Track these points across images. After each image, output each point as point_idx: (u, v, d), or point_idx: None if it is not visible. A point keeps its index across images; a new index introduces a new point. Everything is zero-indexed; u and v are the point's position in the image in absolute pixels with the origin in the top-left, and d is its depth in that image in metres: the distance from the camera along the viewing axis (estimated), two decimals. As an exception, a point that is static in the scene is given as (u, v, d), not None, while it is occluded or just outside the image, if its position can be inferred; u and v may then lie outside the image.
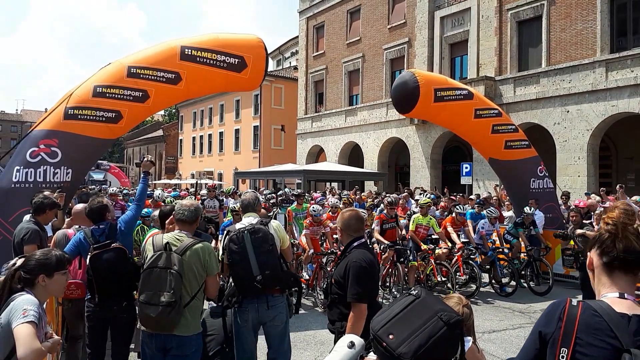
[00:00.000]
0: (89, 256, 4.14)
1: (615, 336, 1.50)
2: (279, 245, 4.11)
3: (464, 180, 18.44)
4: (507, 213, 12.57)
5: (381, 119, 25.68)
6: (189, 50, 7.96)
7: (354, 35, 27.92)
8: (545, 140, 18.17)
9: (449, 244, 9.66)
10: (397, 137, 24.93)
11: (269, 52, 8.95)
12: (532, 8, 19.11)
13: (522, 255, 10.52)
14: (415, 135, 23.77)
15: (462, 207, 10.45)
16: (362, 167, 25.91)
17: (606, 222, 1.68)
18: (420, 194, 15.87)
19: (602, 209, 10.49)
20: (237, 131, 41.61)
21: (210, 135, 45.98)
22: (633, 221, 1.65)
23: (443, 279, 9.40)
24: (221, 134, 43.97)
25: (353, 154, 28.50)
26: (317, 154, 31.45)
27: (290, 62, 47.05)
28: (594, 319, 1.57)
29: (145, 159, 5.02)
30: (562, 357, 1.58)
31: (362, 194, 17.28)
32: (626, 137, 18.81)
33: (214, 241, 5.96)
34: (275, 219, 9.70)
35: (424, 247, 9.22)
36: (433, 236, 10.30)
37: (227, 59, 7.99)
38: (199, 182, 18.53)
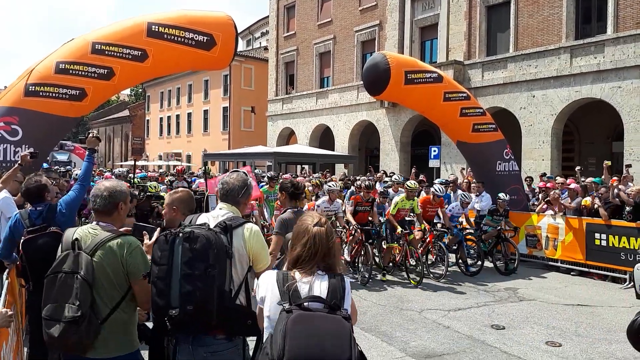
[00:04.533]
0: (21, 241, 3.78)
1: None
2: (244, 266, 2.74)
3: (432, 163, 18.72)
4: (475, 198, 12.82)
5: (352, 101, 25.69)
6: (156, 27, 7.76)
7: (325, 17, 27.70)
8: (512, 124, 18.54)
9: (423, 226, 9.61)
10: (368, 120, 25.02)
11: (238, 31, 8.81)
12: (501, -7, 19.32)
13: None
14: (386, 118, 23.90)
15: (440, 189, 10.16)
16: (333, 150, 25.96)
17: None
18: (390, 175, 16.01)
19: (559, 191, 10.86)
20: (205, 112, 40.98)
21: (178, 116, 45.16)
22: None
23: (414, 262, 9.49)
24: (189, 114, 43.23)
25: (324, 136, 28.49)
26: (287, 136, 31.30)
27: (260, 43, 46.41)
28: None
29: (90, 134, 4.51)
30: None
31: (333, 176, 17.33)
32: (588, 123, 19.36)
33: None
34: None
35: (398, 230, 9.14)
36: (407, 218, 10.28)
37: (196, 37, 7.83)
38: (167, 164, 18.25)
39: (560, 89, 17.42)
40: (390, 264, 9.86)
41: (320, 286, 2.17)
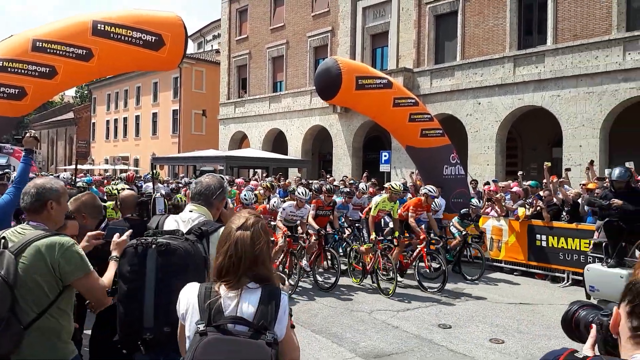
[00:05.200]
0: None
1: None
2: None
3: (383, 168, 19.04)
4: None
5: (305, 106, 25.79)
6: (102, 26, 7.53)
7: (278, 21, 27.71)
8: (459, 130, 19.14)
9: (397, 233, 8.88)
10: (321, 125, 25.18)
11: (189, 34, 8.68)
12: (448, 3, 19.93)
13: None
14: (338, 123, 24.13)
15: (433, 190, 9.40)
16: (286, 154, 25.93)
17: None
18: (342, 180, 16.17)
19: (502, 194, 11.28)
20: (155, 115, 40.01)
21: (125, 119, 43.86)
22: None
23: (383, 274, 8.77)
24: (137, 117, 42.08)
25: (277, 140, 28.42)
26: (240, 140, 31.02)
27: (212, 46, 45.85)
28: None
29: (28, 134, 4.31)
30: None
31: (287, 180, 17.34)
32: (530, 129, 20.24)
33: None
34: None
35: (372, 236, 8.54)
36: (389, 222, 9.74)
37: (144, 37, 7.65)
38: (115, 167, 17.65)
39: (504, 97, 18.14)
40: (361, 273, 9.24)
41: (249, 302, 1.84)
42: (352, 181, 15.17)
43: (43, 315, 2.48)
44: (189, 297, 1.92)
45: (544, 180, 11.62)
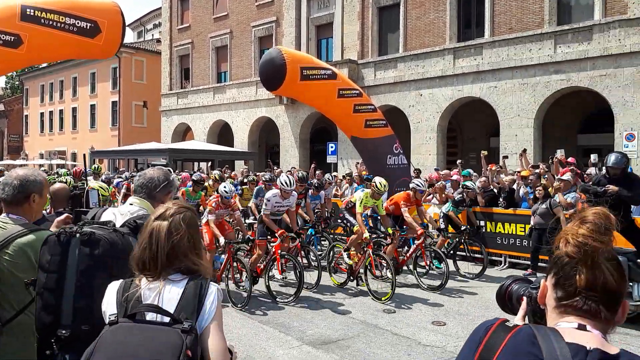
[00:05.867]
0: None
1: None
2: None
3: (330, 159, 19.20)
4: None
5: (251, 97, 25.51)
6: (32, 11, 7.13)
7: (221, 10, 27.19)
8: (402, 121, 19.55)
9: (391, 230, 8.16)
10: (267, 117, 25.00)
11: (128, 22, 8.37)
12: (391, -4, 20.26)
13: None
14: (285, 115, 24.05)
15: (422, 184, 8.86)
16: (232, 146, 25.61)
17: (567, 240, 1.21)
18: (289, 171, 16.15)
19: (442, 182, 11.64)
20: (92, 107, 38.37)
21: (61, 111, 41.81)
22: (608, 240, 1.19)
23: (381, 273, 8.14)
24: (74, 109, 40.22)
25: (222, 132, 27.99)
26: (183, 132, 30.32)
27: (152, 35, 44.41)
28: (527, 348, 1.13)
29: None
30: None
31: (233, 172, 17.16)
32: (470, 120, 20.97)
33: None
34: None
35: (365, 235, 7.68)
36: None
37: (78, 23, 7.31)
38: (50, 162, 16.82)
39: (445, 88, 18.68)
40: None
41: (170, 294, 1.75)
42: (300, 173, 15.15)
43: (22, 312, 2.41)
44: (109, 293, 1.84)
45: (482, 168, 12.09)
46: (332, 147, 19.25)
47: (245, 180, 12.85)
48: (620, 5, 14.95)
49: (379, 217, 9.14)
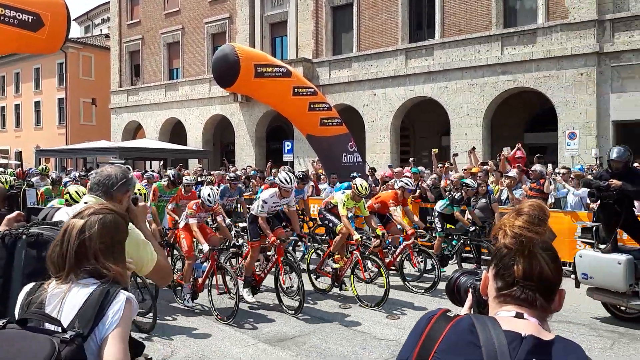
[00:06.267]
0: None
1: (481, 357, 1.14)
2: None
3: (286, 158, 19.19)
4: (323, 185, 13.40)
5: (204, 95, 25.12)
6: (-32, 1, 6.76)
7: (173, 6, 26.63)
8: (357, 120, 19.77)
9: (379, 231, 7.88)
10: (222, 115, 24.70)
11: (74, 16, 8.06)
12: (345, -5, 20.44)
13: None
14: (240, 112, 23.83)
15: (411, 183, 8.50)
16: (186, 145, 25.15)
17: (505, 232, 1.25)
18: (244, 169, 16.03)
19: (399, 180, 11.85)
20: (37, 104, 36.72)
21: (3, 108, 39.80)
22: (543, 231, 1.23)
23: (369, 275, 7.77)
24: (17, 106, 38.37)
25: (175, 130, 27.43)
26: (134, 130, 29.52)
27: (101, 30, 42.93)
28: (466, 337, 1.18)
29: None
30: None
31: (186, 171, 16.82)
32: (422, 119, 21.44)
33: None
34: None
35: (356, 237, 7.24)
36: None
37: (19, 15, 6.99)
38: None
39: (398, 88, 19.02)
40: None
41: (75, 298, 1.62)
42: (253, 171, 15.08)
43: None
44: (20, 296, 1.72)
45: (433, 166, 12.41)
46: (288, 145, 19.25)
47: (200, 179, 12.65)
48: (562, 10, 15.67)
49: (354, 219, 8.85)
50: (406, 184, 8.43)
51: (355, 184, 7.65)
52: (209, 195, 6.98)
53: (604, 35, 14.99)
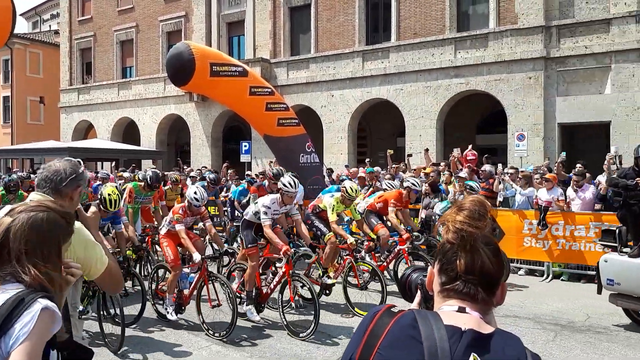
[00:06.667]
0: None
1: (418, 354, 1.15)
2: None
3: (244, 158, 19.05)
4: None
5: (159, 94, 24.59)
6: None
7: (126, 3, 25.94)
8: (315, 120, 19.83)
9: (375, 235, 7.58)
10: (177, 114, 24.24)
11: (21, 11, 7.72)
12: (302, -4, 20.48)
13: None
14: (195, 112, 23.46)
15: (417, 184, 8.09)
16: (139, 145, 24.53)
17: (448, 227, 1.28)
18: (199, 170, 15.79)
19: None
20: (-20, 102, 35.00)
21: (-58, 106, 37.69)
22: (483, 225, 1.25)
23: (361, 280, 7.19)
24: (-42, 104, 36.43)
25: (128, 130, 26.71)
26: (85, 130, 28.56)
27: (50, 26, 41.31)
28: (408, 333, 1.19)
29: None
30: None
31: (118, 171, 16.51)
32: (378, 120, 21.73)
33: None
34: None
35: (351, 241, 6.80)
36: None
37: (-43, 7, 6.63)
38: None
39: (355, 90, 19.21)
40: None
41: None
42: (209, 172, 14.86)
43: None
44: None
45: (388, 166, 12.60)
46: (245, 145, 19.11)
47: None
48: (512, 16, 16.24)
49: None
50: (413, 184, 7.95)
51: (345, 187, 7.16)
52: (195, 194, 6.27)
53: (550, 40, 15.64)
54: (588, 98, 15.01)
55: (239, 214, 9.39)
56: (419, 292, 1.50)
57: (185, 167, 18.08)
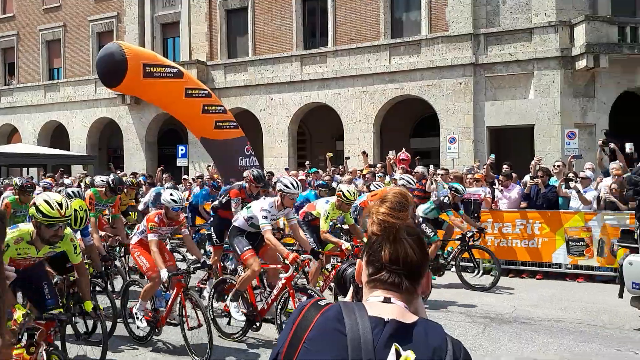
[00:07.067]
0: None
1: (341, 347, 1.16)
2: None
3: (180, 162, 18.59)
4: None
5: (89, 96, 23.56)
6: None
7: (52, 1, 24.70)
8: (254, 124, 19.72)
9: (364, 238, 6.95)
10: (109, 118, 23.32)
11: None
12: (239, -1, 20.34)
13: None
14: (129, 115, 22.67)
15: (412, 181, 7.88)
16: (69, 150, 23.39)
17: (373, 220, 1.30)
18: (131, 174, 15.27)
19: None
20: None
21: None
22: (405, 216, 1.28)
23: None
24: None
25: (56, 134, 25.40)
26: (8, 134, 26.87)
27: (-33, 23, 38.60)
28: (333, 325, 1.20)
29: None
30: None
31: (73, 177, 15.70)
32: (318, 124, 21.91)
33: None
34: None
35: (346, 245, 6.32)
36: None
37: None
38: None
39: (294, 94, 19.29)
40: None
41: None
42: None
43: None
44: None
45: (327, 169, 12.75)
46: (182, 149, 18.66)
47: (81, 185, 11.80)
48: (443, 23, 16.92)
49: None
50: (408, 181, 7.69)
51: (341, 191, 6.66)
52: (172, 195, 5.62)
53: (479, 48, 16.42)
54: (514, 103, 15.89)
55: (206, 219, 8.99)
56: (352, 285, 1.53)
57: (118, 172, 17.40)
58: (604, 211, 8.26)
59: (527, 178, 9.74)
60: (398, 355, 1.10)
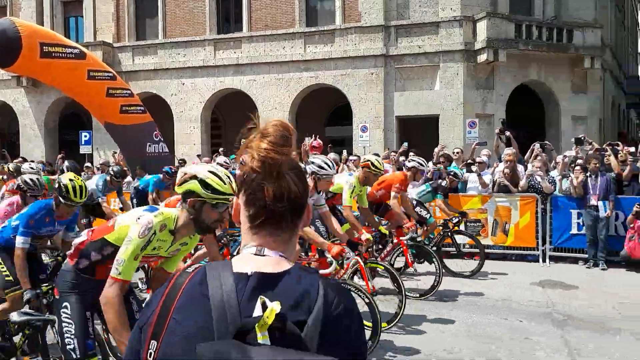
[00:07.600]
0: None
1: (206, 312, 1.08)
2: None
3: (84, 149, 17.50)
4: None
5: (-22, 77, 21.47)
6: None
7: None
8: (165, 109, 19.03)
9: (383, 228, 6.52)
10: (2, 100, 21.43)
11: None
12: (149, -21, 19.43)
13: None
14: (25, 99, 20.97)
15: (425, 163, 7.16)
16: (-47, 135, 21.24)
17: (252, 155, 1.18)
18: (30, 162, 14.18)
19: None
20: None
21: None
22: (289, 150, 1.20)
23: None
24: None
25: (-62, 118, 22.92)
26: None
27: None
28: (198, 290, 1.12)
29: None
30: (151, 354, 1.11)
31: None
32: (233, 110, 21.57)
33: None
34: None
35: (366, 236, 5.30)
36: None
37: None
38: None
39: (207, 79, 18.84)
40: None
41: None
42: (46, 165, 13.41)
43: None
44: None
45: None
46: (85, 135, 17.57)
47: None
48: (356, 14, 17.28)
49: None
50: (419, 163, 6.92)
51: (369, 161, 5.86)
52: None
53: (389, 39, 16.97)
54: (421, 94, 16.64)
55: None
56: None
57: (16, 160, 16.08)
58: (496, 194, 8.96)
59: (430, 164, 10.28)
60: (264, 307, 1.01)
